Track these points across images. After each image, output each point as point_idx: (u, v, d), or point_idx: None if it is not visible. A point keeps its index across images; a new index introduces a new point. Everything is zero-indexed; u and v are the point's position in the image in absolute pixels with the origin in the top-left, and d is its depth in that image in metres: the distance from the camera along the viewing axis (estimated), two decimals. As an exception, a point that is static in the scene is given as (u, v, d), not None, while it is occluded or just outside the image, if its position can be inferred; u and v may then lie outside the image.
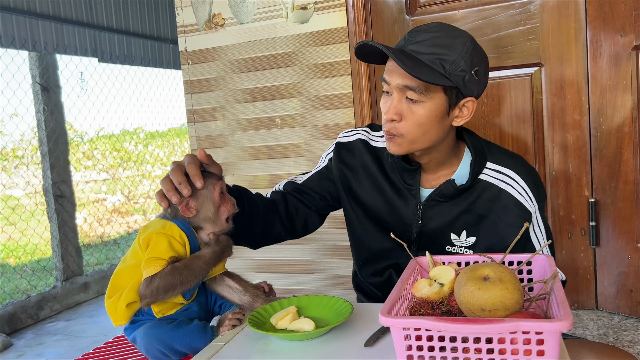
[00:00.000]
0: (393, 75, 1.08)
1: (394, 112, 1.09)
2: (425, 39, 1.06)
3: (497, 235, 1.18)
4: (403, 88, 1.08)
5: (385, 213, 1.26)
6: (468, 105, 1.12)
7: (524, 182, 1.17)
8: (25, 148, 5.14)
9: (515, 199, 1.16)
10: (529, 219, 1.16)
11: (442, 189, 1.18)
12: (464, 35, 1.09)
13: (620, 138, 1.96)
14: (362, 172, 1.29)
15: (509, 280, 0.79)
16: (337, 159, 1.33)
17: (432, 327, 0.73)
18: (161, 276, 1.09)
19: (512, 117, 2.10)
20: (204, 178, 1.17)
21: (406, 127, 1.10)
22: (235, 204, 1.21)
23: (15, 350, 2.92)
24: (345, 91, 2.28)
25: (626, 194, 1.98)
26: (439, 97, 1.08)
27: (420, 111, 1.08)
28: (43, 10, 3.37)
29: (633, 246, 1.99)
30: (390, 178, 1.25)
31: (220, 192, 1.19)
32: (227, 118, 2.51)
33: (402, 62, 1.01)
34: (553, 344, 0.71)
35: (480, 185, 1.18)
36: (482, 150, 1.20)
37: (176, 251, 1.13)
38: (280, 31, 2.35)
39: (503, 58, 2.07)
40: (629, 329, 1.93)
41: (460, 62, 1.05)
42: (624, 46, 1.92)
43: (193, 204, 1.17)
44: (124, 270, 1.17)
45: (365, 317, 1.04)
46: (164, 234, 1.13)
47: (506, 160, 1.19)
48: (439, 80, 1.04)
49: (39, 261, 4.60)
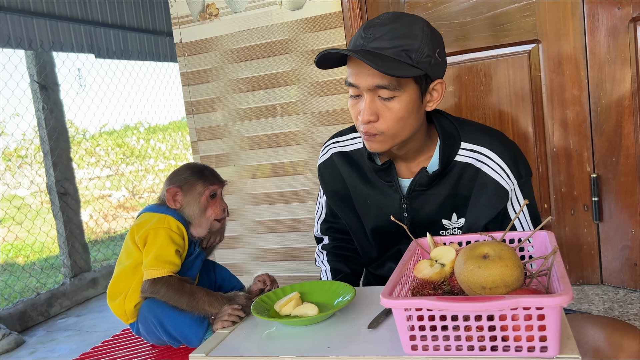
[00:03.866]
0: (361, 77, 1.05)
1: (369, 112, 1.06)
2: (384, 32, 1.04)
3: (474, 216, 1.17)
4: (374, 88, 1.05)
5: (374, 218, 1.25)
6: (437, 88, 1.11)
7: (500, 159, 1.15)
8: (27, 147, 5.15)
9: (491, 178, 1.14)
10: (504, 197, 1.14)
11: (418, 179, 1.17)
12: (419, 20, 1.07)
13: (620, 112, 1.95)
14: (345, 185, 1.29)
15: (508, 257, 0.79)
16: (323, 183, 1.34)
17: (433, 306, 0.74)
18: (166, 286, 1.09)
19: (510, 95, 2.09)
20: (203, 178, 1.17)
21: (385, 124, 1.08)
22: (225, 209, 1.21)
23: (27, 348, 2.96)
24: (343, 76, 2.27)
25: (628, 168, 1.97)
26: (411, 88, 1.06)
27: (397, 106, 1.06)
28: (37, 9, 3.36)
29: (636, 220, 1.98)
30: (370, 180, 1.25)
31: (210, 195, 1.18)
32: (226, 108, 2.51)
33: (373, 62, 0.99)
34: (554, 319, 0.71)
35: (458, 166, 1.17)
36: (452, 131, 1.18)
37: (176, 243, 1.14)
38: (276, 18, 2.34)
39: (500, 36, 2.06)
40: (634, 302, 1.93)
41: (424, 49, 1.04)
42: (622, 19, 1.90)
43: (179, 198, 1.17)
44: (122, 272, 1.17)
45: (368, 300, 1.05)
46: (161, 228, 1.13)
47: (480, 138, 1.17)
48: (410, 72, 1.03)
49: (47, 259, 4.64)
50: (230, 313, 1.05)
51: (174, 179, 1.20)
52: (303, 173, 2.42)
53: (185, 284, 1.11)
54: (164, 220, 1.15)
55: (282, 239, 2.50)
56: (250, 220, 2.55)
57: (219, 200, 1.20)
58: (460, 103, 2.16)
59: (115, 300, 1.16)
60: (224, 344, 0.94)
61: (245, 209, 2.55)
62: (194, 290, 1.10)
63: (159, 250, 1.11)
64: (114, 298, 1.17)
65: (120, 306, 1.16)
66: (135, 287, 1.14)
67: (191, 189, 1.17)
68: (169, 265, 1.11)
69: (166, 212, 1.17)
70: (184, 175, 1.19)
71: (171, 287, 1.09)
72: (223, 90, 2.50)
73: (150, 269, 1.10)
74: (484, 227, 1.17)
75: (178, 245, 1.14)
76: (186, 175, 1.19)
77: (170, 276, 1.10)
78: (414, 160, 1.20)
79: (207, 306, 1.09)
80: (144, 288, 1.11)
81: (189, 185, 1.18)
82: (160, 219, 1.15)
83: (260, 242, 2.54)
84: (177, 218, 1.16)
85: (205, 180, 1.19)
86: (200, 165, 1.23)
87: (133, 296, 1.14)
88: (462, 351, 0.76)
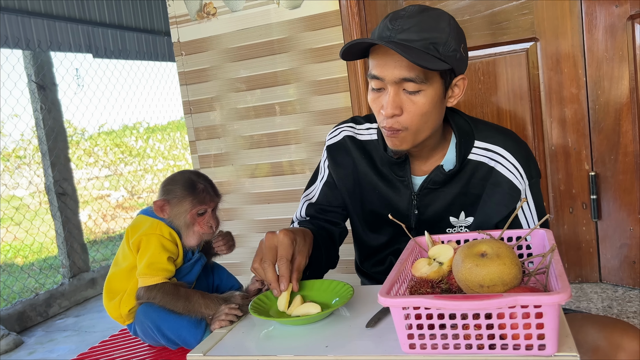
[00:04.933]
0: (387, 69, 1.03)
1: (394, 106, 1.04)
2: (411, 25, 1.02)
3: (486, 214, 1.17)
4: (400, 81, 1.03)
5: (381, 209, 1.24)
6: (459, 83, 1.10)
7: (514, 158, 1.15)
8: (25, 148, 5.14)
9: (504, 177, 1.14)
10: (517, 196, 1.14)
11: (433, 177, 1.16)
12: (444, 14, 1.06)
13: (618, 110, 1.95)
14: (355, 169, 1.27)
15: (506, 255, 0.79)
16: (332, 163, 1.30)
17: (431, 305, 0.73)
18: (161, 293, 1.10)
19: (509, 93, 2.08)
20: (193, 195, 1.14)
21: (409, 119, 1.06)
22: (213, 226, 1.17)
23: (26, 348, 2.96)
24: (341, 75, 2.27)
25: (626, 166, 1.97)
26: (436, 82, 1.05)
27: (422, 100, 1.05)
28: (35, 8, 3.35)
29: (634, 218, 1.98)
30: (381, 172, 1.23)
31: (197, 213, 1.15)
32: (224, 108, 2.50)
33: (407, 53, 0.97)
34: (552, 317, 0.71)
35: (471, 165, 1.16)
36: (467, 129, 1.17)
37: (169, 250, 1.13)
38: (274, 17, 2.33)
39: (498, 34, 2.06)
40: (633, 300, 1.93)
41: (451, 42, 1.03)
42: (619, 16, 1.90)
43: (167, 209, 1.15)
44: (118, 273, 1.17)
45: (366, 298, 1.04)
46: (153, 235, 1.13)
47: (495, 137, 1.16)
48: (439, 65, 1.01)
49: (46, 259, 4.63)
50: (228, 312, 1.04)
51: (166, 188, 1.17)
52: (302, 172, 2.42)
53: (180, 289, 1.10)
54: (156, 226, 1.14)
55: (280, 238, 2.49)
56: (249, 220, 2.55)
57: (207, 217, 1.17)
58: (458, 101, 2.16)
59: (112, 302, 1.16)
60: (222, 344, 0.94)
61: (244, 209, 2.55)
62: (189, 293, 1.10)
63: (151, 258, 1.10)
64: (111, 298, 1.17)
65: (116, 309, 1.16)
66: (130, 291, 1.14)
67: (179, 204, 1.14)
68: (162, 272, 1.11)
69: (159, 218, 1.16)
70: (174, 188, 1.16)
71: (166, 293, 1.09)
72: (221, 89, 2.49)
73: (144, 277, 1.10)
74: (495, 226, 1.17)
75: (170, 252, 1.13)
76: (176, 189, 1.15)
77: (164, 283, 1.10)
78: (428, 158, 1.19)
79: (204, 308, 1.08)
80: (140, 294, 1.11)
81: (177, 200, 1.14)
82: (152, 224, 1.14)
83: (259, 241, 2.54)
84: (169, 225, 1.15)
85: (195, 198, 1.14)
86: (194, 178, 1.17)
87: (128, 300, 1.14)
88: (460, 350, 0.76)
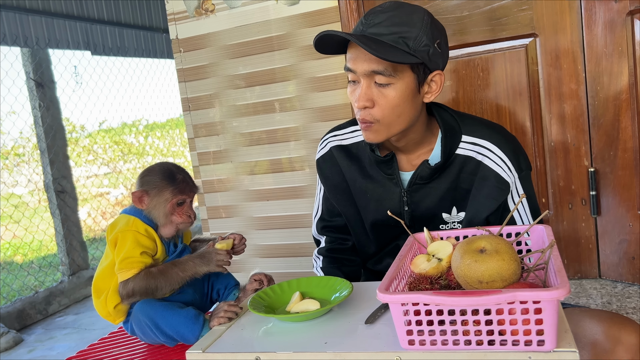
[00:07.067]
0: (358, 62, 1.06)
1: (365, 98, 1.07)
2: (383, 19, 1.05)
3: (476, 208, 1.17)
4: (370, 74, 1.06)
5: (374, 213, 1.25)
6: (436, 79, 1.11)
7: (501, 151, 1.15)
8: (24, 145, 5.13)
9: (492, 170, 1.15)
10: (506, 189, 1.15)
11: (420, 172, 1.17)
12: (420, 10, 1.08)
13: (617, 105, 1.95)
14: (342, 179, 1.29)
15: (505, 251, 0.79)
16: (323, 177, 1.33)
17: (430, 301, 0.73)
18: (135, 281, 1.11)
19: (508, 89, 2.08)
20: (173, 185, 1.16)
21: (380, 111, 1.08)
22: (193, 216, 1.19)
23: (26, 346, 2.95)
24: (340, 72, 2.26)
25: (625, 162, 1.97)
26: (407, 76, 1.07)
27: (392, 93, 1.07)
28: (33, 6, 3.34)
29: (634, 213, 1.98)
30: (369, 173, 1.24)
31: (176, 203, 1.17)
32: (223, 105, 2.50)
33: (368, 46, 1.00)
34: (551, 313, 0.71)
35: (459, 160, 1.17)
36: (453, 124, 1.18)
37: (144, 245, 1.14)
38: (273, 14, 2.33)
39: (497, 30, 2.05)
40: (632, 296, 1.93)
41: (422, 37, 1.04)
42: (619, 12, 1.90)
43: (146, 200, 1.16)
44: (102, 272, 1.18)
45: (365, 295, 1.04)
46: (128, 231, 1.14)
47: (482, 131, 1.17)
48: (406, 59, 1.03)
49: (45, 257, 4.63)
50: (227, 309, 1.04)
51: (144, 179, 1.18)
52: (301, 169, 2.41)
53: (150, 270, 1.11)
54: (132, 223, 1.15)
55: (280, 236, 2.49)
56: (248, 217, 2.55)
57: (186, 207, 1.19)
58: (457, 97, 2.16)
59: (99, 300, 1.17)
60: (221, 341, 0.94)
61: (243, 206, 2.55)
62: (162, 270, 1.11)
63: (126, 253, 1.12)
64: (98, 297, 1.18)
65: (103, 307, 1.17)
66: (114, 288, 1.15)
67: (159, 194, 1.16)
68: (136, 264, 1.12)
69: (135, 214, 1.17)
70: (153, 178, 1.17)
71: (140, 280, 1.11)
72: (220, 86, 2.49)
73: (120, 272, 1.12)
74: (485, 220, 1.17)
75: (145, 247, 1.14)
76: (156, 179, 1.17)
77: (136, 274, 1.11)
78: (414, 152, 1.20)
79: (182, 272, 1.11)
80: (120, 292, 1.13)
81: (157, 191, 1.16)
82: (128, 221, 1.16)
83: (258, 239, 2.54)
84: (144, 220, 1.16)
85: (175, 188, 1.16)
86: (172, 169, 1.19)
87: (113, 297, 1.15)
88: (459, 346, 0.76)
